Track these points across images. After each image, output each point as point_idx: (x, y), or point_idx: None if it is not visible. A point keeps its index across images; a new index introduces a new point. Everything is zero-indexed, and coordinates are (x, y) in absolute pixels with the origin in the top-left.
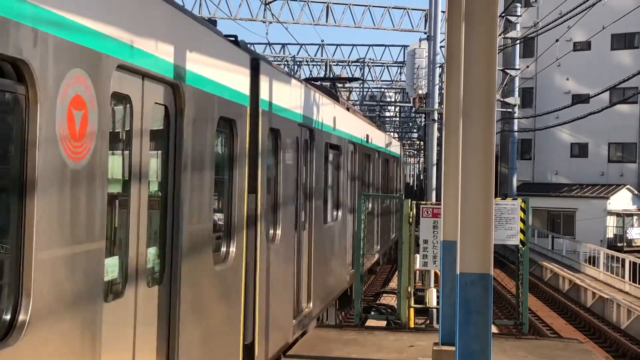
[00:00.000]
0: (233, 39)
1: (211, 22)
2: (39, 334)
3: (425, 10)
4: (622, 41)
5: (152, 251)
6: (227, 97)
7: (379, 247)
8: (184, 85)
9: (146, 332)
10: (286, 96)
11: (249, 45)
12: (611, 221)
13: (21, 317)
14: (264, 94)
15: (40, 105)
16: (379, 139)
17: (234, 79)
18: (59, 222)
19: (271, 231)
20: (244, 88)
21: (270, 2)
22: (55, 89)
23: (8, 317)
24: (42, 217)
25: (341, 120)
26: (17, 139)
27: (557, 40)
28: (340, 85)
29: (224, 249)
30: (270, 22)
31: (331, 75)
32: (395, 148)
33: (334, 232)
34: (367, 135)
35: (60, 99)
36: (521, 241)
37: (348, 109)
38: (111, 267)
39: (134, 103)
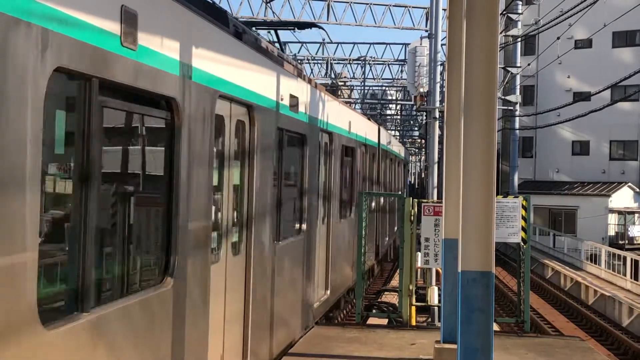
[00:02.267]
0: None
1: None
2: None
3: (426, 8)
4: (623, 39)
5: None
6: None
7: (387, 238)
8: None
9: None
10: (336, 116)
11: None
12: (612, 219)
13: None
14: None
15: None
16: (397, 147)
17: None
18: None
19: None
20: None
21: (271, 0)
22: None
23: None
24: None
25: (356, 125)
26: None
27: (558, 38)
28: (341, 84)
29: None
30: (271, 21)
31: (332, 75)
32: (402, 151)
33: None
34: (391, 144)
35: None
36: (522, 239)
37: (373, 122)
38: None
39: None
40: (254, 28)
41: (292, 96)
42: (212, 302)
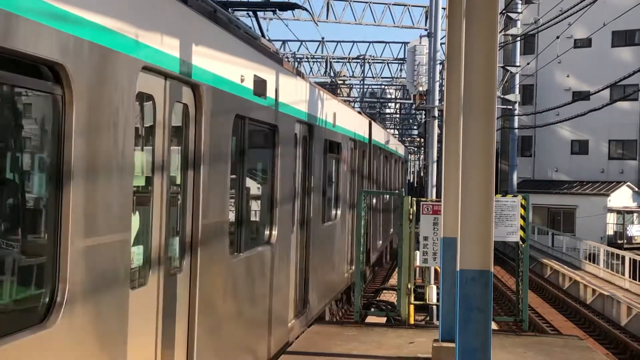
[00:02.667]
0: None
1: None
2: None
3: (425, 7)
4: (622, 38)
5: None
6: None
7: (380, 241)
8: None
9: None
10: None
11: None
12: (611, 218)
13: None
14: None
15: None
16: (394, 144)
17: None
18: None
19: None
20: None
21: None
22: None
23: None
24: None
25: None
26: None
27: (557, 37)
28: (340, 82)
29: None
30: (271, 19)
31: (332, 74)
32: (400, 149)
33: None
34: (387, 141)
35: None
36: (521, 238)
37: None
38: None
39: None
40: (230, 9)
41: (258, 79)
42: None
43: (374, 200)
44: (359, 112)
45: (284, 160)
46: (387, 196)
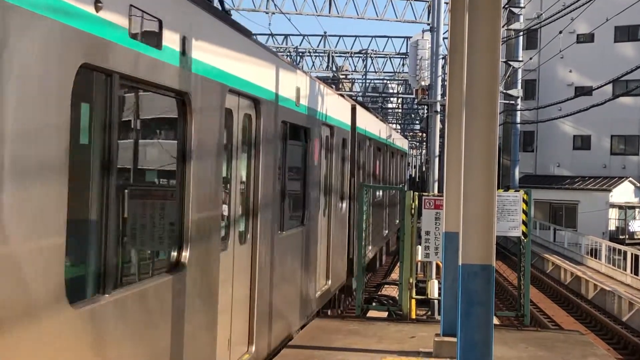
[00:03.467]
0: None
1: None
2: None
3: (428, 1)
4: (625, 33)
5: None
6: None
7: (370, 247)
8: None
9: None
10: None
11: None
12: (613, 214)
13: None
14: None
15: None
16: (398, 139)
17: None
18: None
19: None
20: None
21: None
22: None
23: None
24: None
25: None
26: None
27: (560, 32)
28: (342, 77)
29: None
30: (273, 13)
31: (334, 68)
32: (397, 140)
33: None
34: (380, 131)
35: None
36: (523, 233)
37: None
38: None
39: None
40: None
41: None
42: None
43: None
44: (341, 96)
45: (200, 144)
46: (382, 193)
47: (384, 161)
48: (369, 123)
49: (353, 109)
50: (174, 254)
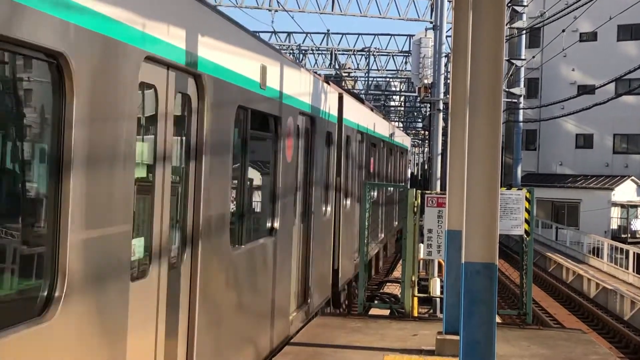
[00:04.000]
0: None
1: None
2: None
3: None
4: (628, 32)
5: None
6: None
7: (356, 257)
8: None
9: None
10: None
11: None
12: (615, 212)
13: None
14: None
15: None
16: (397, 134)
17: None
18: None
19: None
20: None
21: None
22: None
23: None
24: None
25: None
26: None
27: (563, 31)
28: (345, 74)
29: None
30: (276, 10)
31: (337, 66)
32: (396, 136)
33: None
34: (375, 125)
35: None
36: (525, 231)
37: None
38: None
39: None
40: None
41: None
42: None
43: (347, 203)
44: (326, 82)
45: (88, 132)
46: (378, 193)
47: (379, 158)
48: (361, 115)
49: (340, 98)
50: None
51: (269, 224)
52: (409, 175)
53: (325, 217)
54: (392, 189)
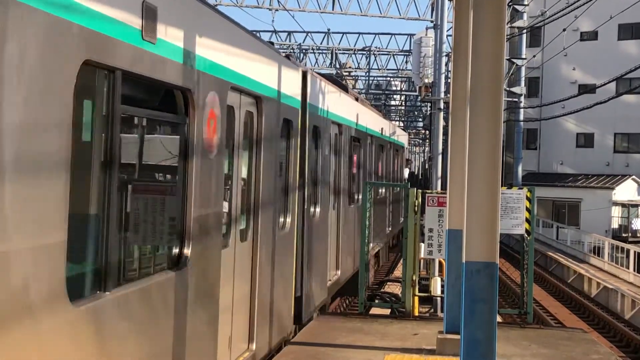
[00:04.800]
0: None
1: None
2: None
3: None
4: (629, 31)
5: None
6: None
7: (336, 275)
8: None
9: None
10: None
11: (291, 55)
12: (616, 212)
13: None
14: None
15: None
16: (391, 130)
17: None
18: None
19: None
20: None
21: None
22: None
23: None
24: None
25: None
26: None
27: (564, 30)
28: (346, 74)
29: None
30: (277, 10)
31: (337, 65)
32: (397, 135)
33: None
34: (358, 115)
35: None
36: (526, 230)
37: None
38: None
39: None
40: None
41: None
42: None
43: (317, 211)
44: (288, 57)
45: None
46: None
47: (366, 156)
48: (339, 104)
49: (304, 78)
50: None
51: (173, 251)
52: (407, 176)
53: (283, 230)
54: (384, 190)
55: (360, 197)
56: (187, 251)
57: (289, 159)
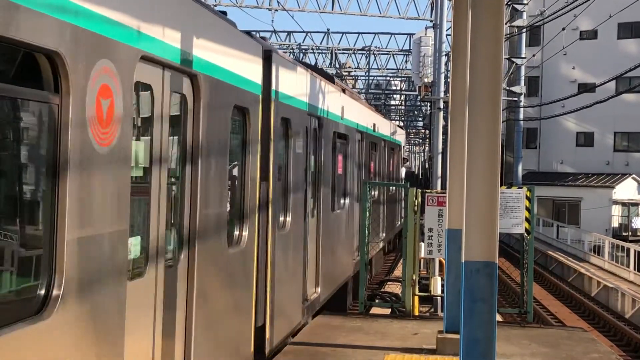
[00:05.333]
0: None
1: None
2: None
3: None
4: (628, 30)
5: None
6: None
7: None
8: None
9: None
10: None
11: (254, 33)
12: (616, 210)
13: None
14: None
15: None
16: (385, 126)
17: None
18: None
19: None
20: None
21: None
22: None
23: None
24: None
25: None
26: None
27: (563, 29)
28: (345, 73)
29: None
30: (276, 10)
31: (337, 65)
32: (392, 132)
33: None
34: (344, 108)
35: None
36: (526, 230)
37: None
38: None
39: None
40: None
41: None
42: None
43: (287, 220)
44: (249, 34)
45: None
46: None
47: (354, 156)
48: (317, 94)
49: (267, 58)
50: None
51: (36, 293)
52: (403, 176)
53: (237, 247)
54: (377, 193)
55: (347, 200)
56: (58, 292)
57: (245, 158)
